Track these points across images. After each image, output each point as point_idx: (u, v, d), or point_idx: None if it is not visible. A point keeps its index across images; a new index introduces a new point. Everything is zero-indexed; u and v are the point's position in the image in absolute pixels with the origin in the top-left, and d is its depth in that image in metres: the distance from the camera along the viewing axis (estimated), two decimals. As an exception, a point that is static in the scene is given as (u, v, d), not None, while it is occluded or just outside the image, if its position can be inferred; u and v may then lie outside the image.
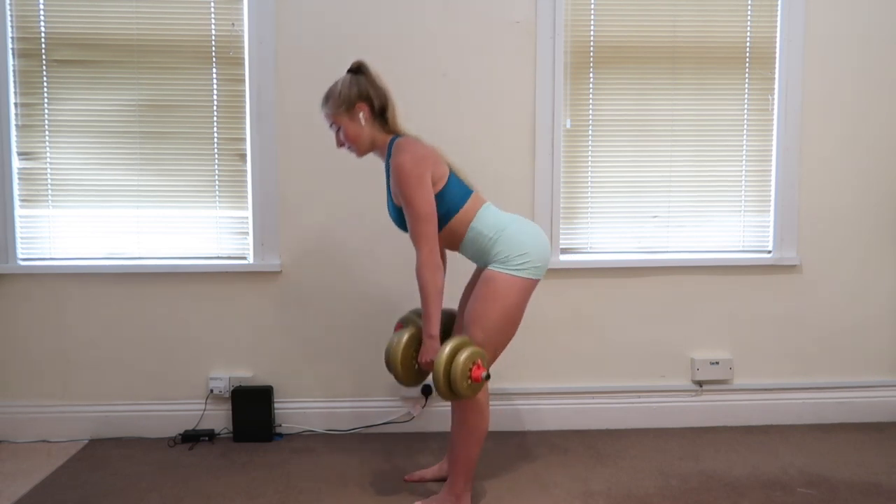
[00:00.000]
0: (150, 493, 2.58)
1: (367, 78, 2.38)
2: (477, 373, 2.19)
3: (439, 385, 2.19)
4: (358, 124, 2.36)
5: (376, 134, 2.39)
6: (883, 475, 2.71)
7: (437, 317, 2.27)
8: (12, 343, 3.11)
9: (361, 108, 2.35)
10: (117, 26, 3.04)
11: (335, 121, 2.38)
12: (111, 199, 3.11)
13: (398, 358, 2.32)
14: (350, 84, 2.36)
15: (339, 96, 2.35)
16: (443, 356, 2.18)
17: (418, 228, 2.24)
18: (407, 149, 2.28)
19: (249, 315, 3.15)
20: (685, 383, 3.26)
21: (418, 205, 2.23)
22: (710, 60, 3.16)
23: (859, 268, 3.26)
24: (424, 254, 2.24)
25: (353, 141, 2.38)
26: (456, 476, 2.40)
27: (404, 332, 2.36)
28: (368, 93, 2.36)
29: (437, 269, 2.25)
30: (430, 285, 2.24)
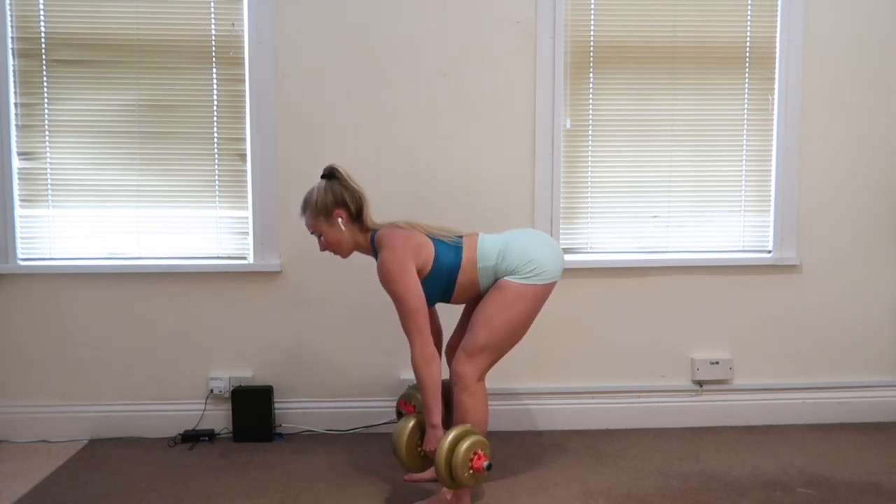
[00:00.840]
0: (150, 493, 2.58)
1: (341, 182, 2.42)
2: (478, 463, 2.24)
3: (441, 475, 2.23)
4: (338, 230, 2.42)
5: (357, 235, 2.45)
6: (883, 475, 2.71)
7: (437, 407, 2.31)
8: (12, 343, 3.11)
9: (339, 215, 2.41)
10: (117, 26, 3.04)
11: (315, 229, 2.45)
12: (111, 199, 3.11)
13: (403, 446, 2.40)
14: (325, 191, 2.41)
15: (316, 205, 2.41)
16: (443, 446, 2.22)
17: (409, 323, 2.30)
18: (386, 244, 2.34)
19: (249, 315, 3.15)
20: (685, 383, 3.25)
21: (407, 300, 2.28)
22: (710, 60, 3.16)
23: (859, 268, 3.25)
24: (417, 347, 2.29)
25: (336, 246, 2.45)
26: None
27: (409, 419, 2.43)
28: (344, 198, 2.40)
29: (432, 360, 2.30)
30: (426, 378, 2.29)
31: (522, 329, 2.41)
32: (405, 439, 2.41)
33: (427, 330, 2.31)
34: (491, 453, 2.31)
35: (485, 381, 2.44)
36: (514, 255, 2.36)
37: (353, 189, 2.42)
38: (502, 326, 2.35)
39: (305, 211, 2.44)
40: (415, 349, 2.30)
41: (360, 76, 3.09)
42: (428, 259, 2.37)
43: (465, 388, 2.37)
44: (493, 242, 2.42)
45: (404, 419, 2.45)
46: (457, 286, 2.42)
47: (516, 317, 2.36)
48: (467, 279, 2.41)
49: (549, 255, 2.39)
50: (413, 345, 2.30)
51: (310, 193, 2.44)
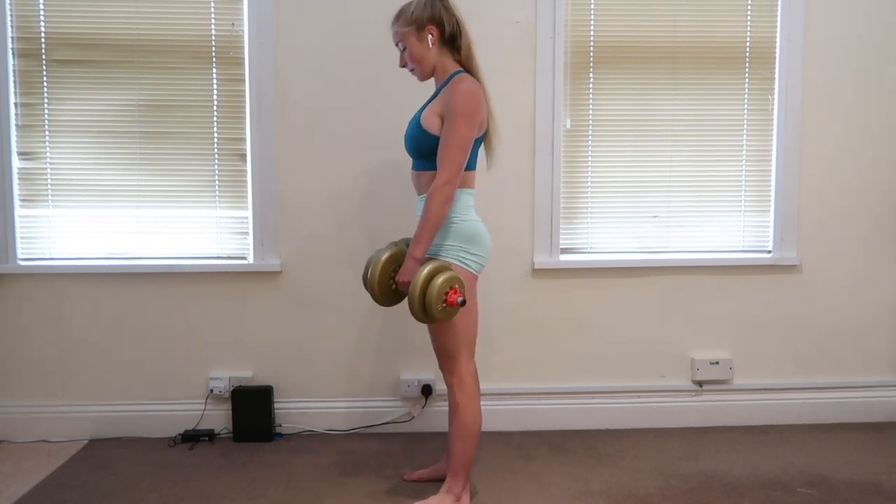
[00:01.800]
0: (150, 493, 2.58)
1: (443, 3, 2.34)
2: (452, 297, 2.18)
3: (414, 305, 2.18)
4: (425, 46, 2.32)
5: (444, 59, 2.35)
6: (883, 475, 2.71)
7: (427, 243, 2.25)
8: (12, 343, 3.11)
9: (431, 31, 2.31)
10: (117, 26, 3.04)
11: (402, 39, 2.34)
12: (111, 199, 3.11)
13: (377, 275, 2.31)
14: (424, 5, 2.31)
15: (410, 15, 2.31)
16: (420, 277, 2.17)
17: (452, 154, 2.21)
18: (472, 83, 2.26)
19: (249, 315, 3.14)
20: (685, 383, 3.25)
21: (461, 134, 2.21)
22: (710, 60, 3.16)
23: (859, 268, 3.25)
24: (443, 179, 2.20)
25: (417, 62, 2.34)
26: (454, 476, 2.40)
27: (385, 250, 2.35)
28: (441, 17, 2.32)
29: (449, 200, 2.22)
30: (435, 211, 2.21)
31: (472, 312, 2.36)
32: (380, 266, 2.31)
33: (459, 173, 2.23)
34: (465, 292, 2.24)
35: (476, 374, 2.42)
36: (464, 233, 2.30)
37: (454, 14, 2.34)
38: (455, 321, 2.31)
39: (398, 20, 2.34)
40: (440, 179, 2.20)
41: (360, 76, 3.09)
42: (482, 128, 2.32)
43: (461, 388, 2.37)
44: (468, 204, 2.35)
45: (380, 249, 2.37)
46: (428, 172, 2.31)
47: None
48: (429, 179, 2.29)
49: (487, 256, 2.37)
50: (441, 175, 2.20)
51: (408, 4, 2.35)
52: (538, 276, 3.17)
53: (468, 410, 2.37)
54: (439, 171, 2.22)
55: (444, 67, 2.36)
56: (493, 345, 3.17)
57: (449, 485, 2.41)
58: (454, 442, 2.38)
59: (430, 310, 2.17)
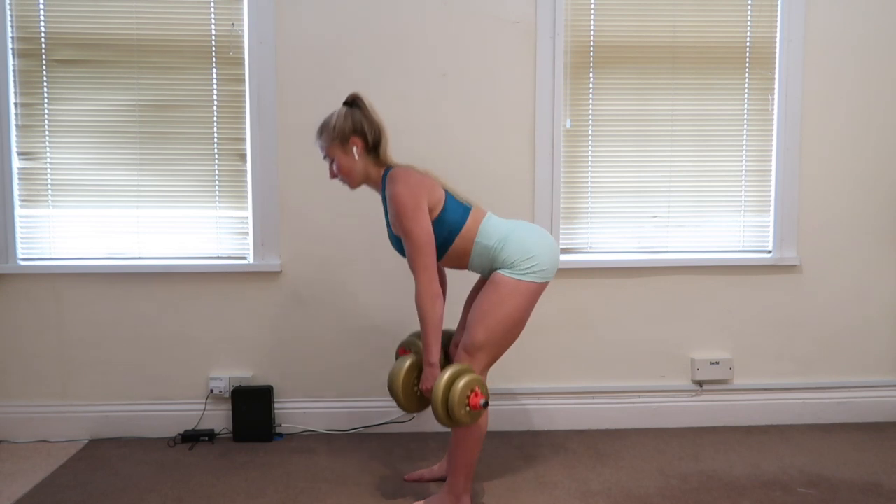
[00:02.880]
0: (150, 493, 2.58)
1: (362, 111, 2.39)
2: (475, 400, 2.23)
3: (438, 412, 2.23)
4: (351, 158, 2.38)
5: (369, 167, 2.40)
6: (883, 475, 2.71)
7: (436, 346, 2.30)
8: (12, 343, 3.11)
9: (355, 143, 2.37)
10: (117, 26, 3.04)
11: (329, 153, 2.40)
12: (111, 199, 3.11)
13: (399, 384, 2.37)
14: (345, 117, 2.37)
15: (333, 129, 2.37)
16: (440, 383, 2.21)
17: (417, 258, 2.27)
18: (401, 179, 2.30)
19: (249, 315, 3.15)
20: (685, 383, 3.26)
21: (416, 235, 2.26)
22: (710, 60, 3.16)
23: (859, 268, 3.26)
24: (423, 283, 2.27)
25: (347, 174, 2.40)
26: (456, 476, 2.39)
27: (406, 359, 2.41)
28: (363, 126, 2.37)
29: (436, 298, 2.27)
30: (429, 315, 2.27)
31: (519, 325, 2.38)
32: (402, 377, 2.37)
33: (434, 267, 2.27)
34: (488, 393, 2.28)
35: (485, 380, 2.43)
36: (515, 247, 2.33)
37: (374, 120, 2.39)
38: (498, 323, 2.32)
39: (322, 134, 2.40)
40: (420, 285, 2.26)
41: (360, 76, 3.09)
42: (438, 203, 2.33)
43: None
44: (498, 224, 2.38)
45: (401, 359, 2.42)
46: (450, 248, 2.37)
47: (512, 313, 2.33)
48: (462, 246, 2.37)
49: (549, 253, 2.37)
50: (419, 281, 2.26)
51: (329, 117, 2.40)
52: (538, 276, 3.17)
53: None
54: (415, 279, 2.28)
55: (372, 174, 2.41)
56: (493, 345, 3.17)
57: (450, 485, 2.41)
58: (457, 443, 2.38)
59: (453, 415, 2.22)
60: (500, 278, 2.33)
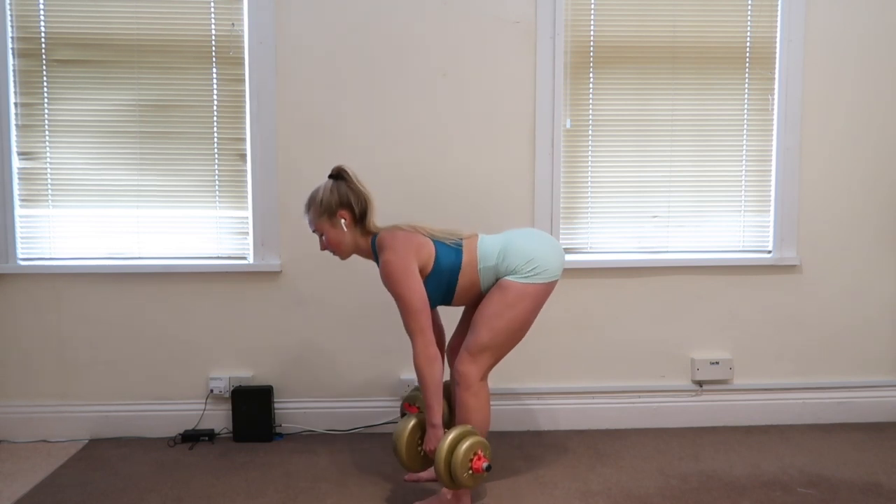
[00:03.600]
0: (150, 493, 2.58)
1: (348, 183, 2.42)
2: (478, 464, 2.24)
3: (441, 476, 2.24)
4: (340, 231, 2.41)
5: (358, 238, 2.44)
6: (883, 475, 2.71)
7: (438, 407, 2.32)
8: (12, 343, 3.11)
9: (343, 216, 2.40)
10: (117, 26, 3.04)
11: (317, 227, 2.43)
12: (111, 199, 3.11)
13: (403, 445, 2.43)
14: (331, 191, 2.40)
15: (320, 204, 2.40)
16: (443, 447, 2.23)
17: (411, 322, 2.30)
18: (388, 245, 2.34)
19: (249, 315, 3.15)
20: (685, 383, 3.26)
21: (409, 299, 2.29)
22: (710, 60, 3.16)
23: (859, 268, 3.26)
24: (420, 347, 2.30)
25: (336, 246, 2.44)
26: None
27: (410, 418, 2.44)
28: (349, 199, 2.40)
29: (434, 360, 2.30)
30: (427, 378, 2.30)
31: (524, 328, 2.41)
32: (405, 438, 2.43)
33: (430, 330, 2.31)
34: (491, 454, 2.31)
35: (487, 381, 2.43)
36: (515, 255, 2.36)
37: (359, 191, 2.42)
38: (504, 326, 2.35)
39: (309, 209, 2.43)
40: (417, 349, 2.30)
41: (360, 76, 3.09)
42: (429, 259, 2.37)
43: (468, 387, 2.37)
44: (492, 243, 2.42)
45: (405, 418, 2.46)
46: (458, 288, 2.42)
47: (518, 316, 2.36)
48: (468, 281, 2.41)
49: (550, 253, 2.39)
50: (415, 345, 2.30)
51: (315, 192, 2.43)
52: (538, 276, 3.17)
53: (475, 414, 2.38)
54: (412, 343, 2.31)
55: (362, 245, 2.45)
56: (493, 345, 3.17)
57: None
58: None
59: (456, 479, 2.23)
60: (506, 283, 2.36)
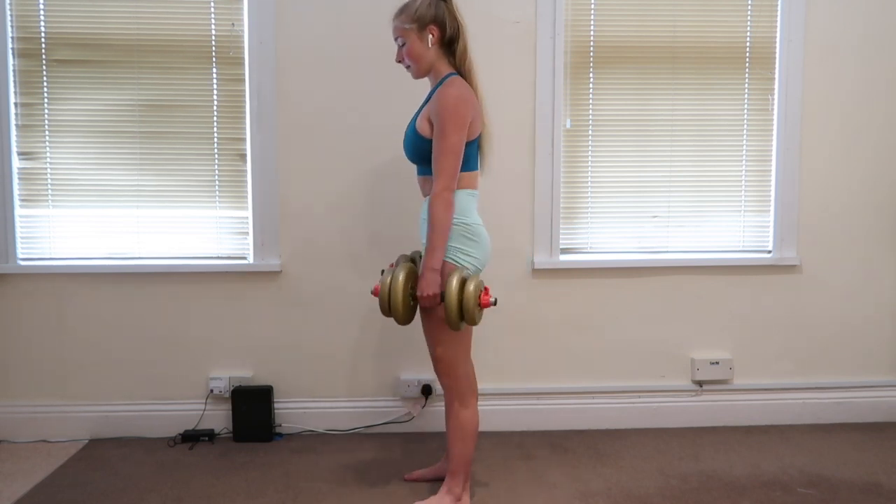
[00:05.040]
0: (150, 493, 2.58)
1: (448, 6, 2.35)
2: (485, 299, 2.20)
3: (452, 315, 2.17)
4: (424, 45, 2.32)
5: (439, 61, 2.36)
6: (883, 475, 2.71)
7: (441, 252, 2.24)
8: (12, 343, 3.11)
9: (432, 31, 2.32)
10: (117, 26, 3.04)
11: (402, 34, 2.34)
12: (111, 199, 3.10)
13: (399, 296, 2.24)
14: (429, 4, 2.32)
15: (414, 13, 2.31)
16: (453, 287, 2.16)
17: (443, 161, 2.22)
18: (461, 87, 2.27)
19: (249, 315, 3.14)
20: (685, 383, 3.25)
21: (452, 140, 2.22)
22: (710, 60, 3.16)
23: (859, 268, 3.25)
24: (441, 186, 2.22)
25: (415, 60, 2.34)
26: (454, 476, 2.40)
27: (399, 269, 2.28)
28: (444, 19, 2.33)
29: (450, 205, 2.23)
30: (440, 218, 2.22)
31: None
32: (400, 289, 2.24)
33: (455, 177, 2.24)
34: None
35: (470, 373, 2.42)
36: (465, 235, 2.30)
37: (457, 18, 2.35)
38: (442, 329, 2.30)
39: (401, 14, 2.34)
40: (438, 187, 2.22)
41: (360, 76, 3.09)
42: (472, 136, 2.31)
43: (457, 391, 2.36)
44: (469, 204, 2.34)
45: (393, 270, 2.29)
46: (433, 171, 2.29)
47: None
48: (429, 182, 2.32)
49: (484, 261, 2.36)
50: (438, 182, 2.22)
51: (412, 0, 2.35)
52: (538, 276, 3.17)
53: (465, 411, 2.37)
54: (435, 180, 2.24)
55: (438, 69, 2.36)
56: (493, 345, 3.17)
57: (448, 485, 2.41)
58: (452, 443, 2.39)
59: (468, 315, 2.19)
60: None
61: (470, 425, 2.38)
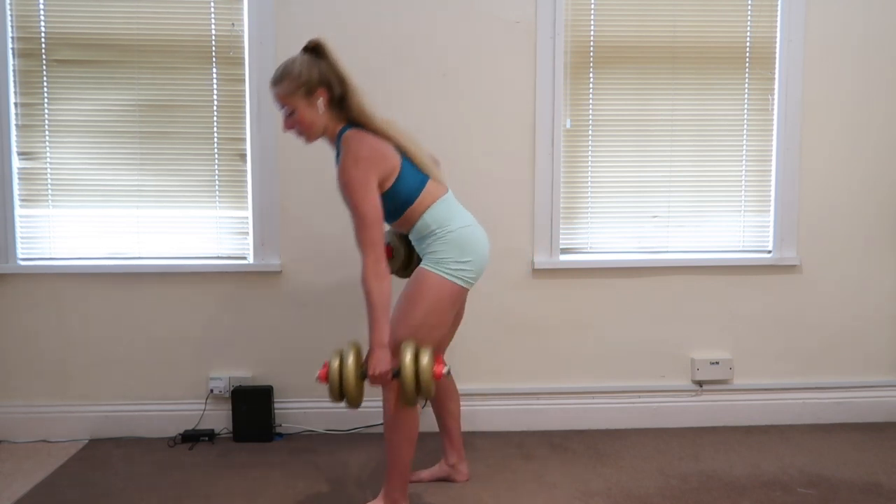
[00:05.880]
0: (150, 493, 2.58)
1: (328, 61, 2.21)
2: (439, 369, 2.15)
3: (408, 392, 2.11)
4: (315, 111, 2.21)
5: (330, 122, 2.25)
6: (883, 475, 2.71)
7: (386, 326, 2.15)
8: (12, 343, 3.11)
9: (321, 94, 2.21)
10: (117, 26, 3.04)
11: (288, 103, 2.21)
12: (111, 199, 3.11)
13: (352, 379, 2.14)
14: (310, 66, 2.19)
15: (298, 77, 2.18)
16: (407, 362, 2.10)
17: (363, 234, 2.14)
18: (352, 150, 2.15)
19: (249, 315, 3.14)
20: (685, 383, 3.26)
21: (363, 210, 2.13)
22: (710, 60, 3.16)
23: (859, 268, 3.25)
24: (370, 261, 2.14)
25: (308, 127, 2.23)
26: (390, 480, 2.33)
27: (349, 351, 2.18)
28: (329, 78, 2.21)
29: (384, 277, 2.14)
30: (375, 294, 2.14)
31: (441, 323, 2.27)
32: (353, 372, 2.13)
33: (381, 245, 2.15)
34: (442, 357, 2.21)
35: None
36: (452, 245, 2.23)
37: (339, 71, 2.21)
38: (421, 321, 2.22)
39: (281, 81, 2.20)
40: (367, 262, 2.13)
41: (359, 76, 3.06)
42: (391, 174, 2.20)
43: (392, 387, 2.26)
44: (448, 209, 2.27)
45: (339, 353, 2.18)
46: (402, 217, 2.27)
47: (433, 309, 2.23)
48: (409, 216, 2.27)
49: (481, 261, 2.29)
50: (365, 258, 2.13)
51: (291, 63, 2.20)
52: (538, 276, 3.17)
53: (402, 418, 2.29)
54: (362, 256, 2.15)
55: (332, 129, 2.26)
56: (494, 345, 3.17)
57: (385, 490, 2.35)
58: (389, 446, 2.31)
59: (425, 390, 2.13)
60: (424, 273, 2.24)
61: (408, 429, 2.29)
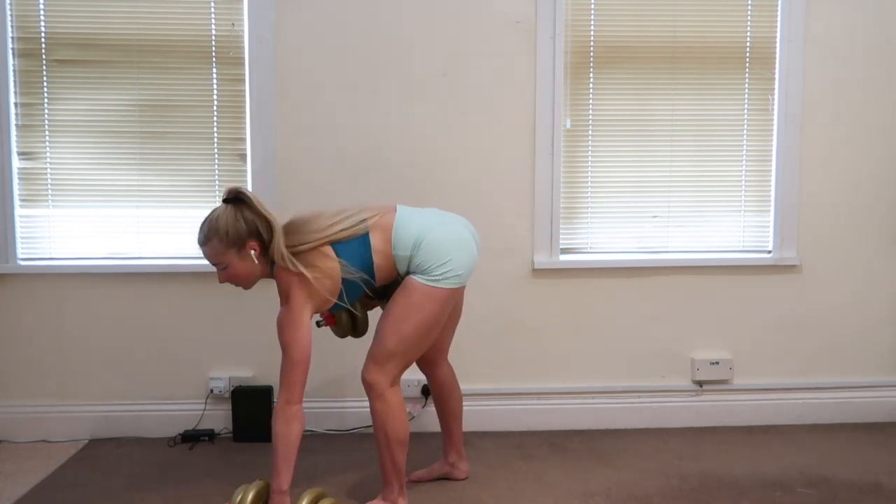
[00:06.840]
0: (150, 493, 2.58)
1: (251, 208, 2.17)
2: None
3: None
4: (250, 262, 2.19)
5: (265, 264, 2.23)
6: (883, 475, 2.71)
7: (287, 472, 2.13)
8: (12, 343, 3.11)
9: (253, 248, 2.18)
10: (117, 26, 3.04)
11: (221, 260, 2.18)
12: (111, 199, 3.10)
13: None
14: (235, 219, 2.15)
15: (226, 235, 2.15)
16: None
17: (285, 372, 2.16)
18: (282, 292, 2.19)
19: (249, 315, 3.14)
20: (685, 383, 3.25)
21: (290, 351, 2.16)
22: (710, 60, 3.16)
23: (859, 268, 3.25)
24: (282, 401, 2.14)
25: (245, 279, 2.23)
26: (388, 483, 2.35)
27: (249, 488, 2.18)
28: (257, 227, 2.17)
29: (293, 420, 2.14)
30: (281, 439, 2.13)
31: (432, 332, 2.28)
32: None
33: (301, 387, 2.16)
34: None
35: (399, 386, 2.33)
36: (430, 251, 2.21)
37: (265, 216, 2.17)
38: (411, 331, 2.22)
39: (209, 241, 2.16)
40: (279, 403, 2.15)
41: (359, 76, 3.09)
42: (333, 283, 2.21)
43: (378, 396, 2.26)
44: (408, 228, 2.24)
45: (242, 489, 2.20)
46: (376, 272, 2.26)
47: (424, 319, 2.23)
48: (384, 264, 2.25)
49: (465, 257, 2.26)
50: (281, 395, 2.14)
51: (213, 220, 2.17)
52: (538, 276, 3.17)
53: (390, 420, 2.28)
54: (280, 393, 2.15)
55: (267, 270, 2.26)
56: (494, 345, 3.17)
57: (384, 493, 2.38)
58: (381, 450, 2.31)
59: None
60: (412, 284, 2.22)
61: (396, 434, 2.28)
